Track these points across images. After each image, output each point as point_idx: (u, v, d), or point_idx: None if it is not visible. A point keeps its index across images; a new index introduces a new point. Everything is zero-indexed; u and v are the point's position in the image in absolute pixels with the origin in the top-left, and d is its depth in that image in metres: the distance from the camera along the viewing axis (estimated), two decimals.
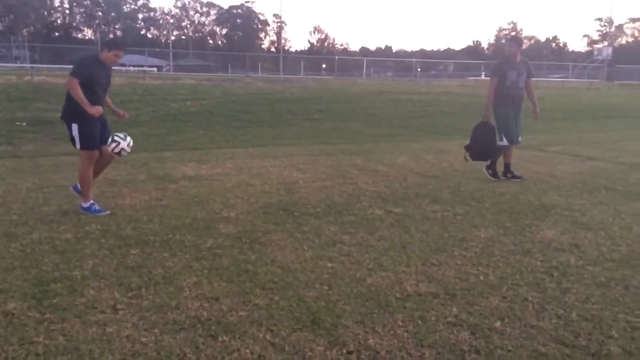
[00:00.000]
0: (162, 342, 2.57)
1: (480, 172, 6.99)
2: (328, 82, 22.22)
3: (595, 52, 47.51)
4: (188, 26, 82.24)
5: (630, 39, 79.55)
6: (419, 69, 40.60)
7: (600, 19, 79.55)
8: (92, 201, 4.86)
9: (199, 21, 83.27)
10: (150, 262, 3.59)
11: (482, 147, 6.57)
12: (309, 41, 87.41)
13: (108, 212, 4.80)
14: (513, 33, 75.31)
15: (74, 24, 74.76)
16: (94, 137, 4.76)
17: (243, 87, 17.36)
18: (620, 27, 79.54)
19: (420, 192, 5.79)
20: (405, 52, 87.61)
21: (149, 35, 77.79)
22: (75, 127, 4.68)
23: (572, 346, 2.58)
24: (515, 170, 6.65)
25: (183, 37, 78.62)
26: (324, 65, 46.17)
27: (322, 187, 6.00)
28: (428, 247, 4.02)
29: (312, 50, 78.87)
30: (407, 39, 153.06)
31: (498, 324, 2.80)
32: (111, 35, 69.40)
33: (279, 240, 4.12)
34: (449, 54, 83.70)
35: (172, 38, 70.75)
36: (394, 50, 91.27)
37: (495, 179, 6.53)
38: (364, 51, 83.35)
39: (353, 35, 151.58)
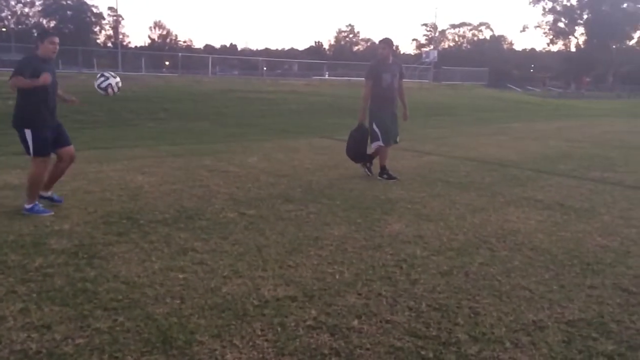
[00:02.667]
0: None
1: (329, 170, 7.16)
2: (172, 79, 21.33)
3: (423, 55, 51.91)
4: (9, 17, 73.36)
5: (452, 43, 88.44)
6: (265, 68, 40.91)
7: (426, 25, 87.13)
8: (36, 202, 4.69)
9: (21, 12, 74.72)
10: None
11: (359, 149, 6.75)
12: (149, 37, 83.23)
13: (52, 212, 4.65)
14: (374, 38, 78.82)
15: None
16: (47, 142, 4.67)
17: (76, 85, 15.85)
18: (443, 33, 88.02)
19: (273, 192, 5.73)
20: (251, 50, 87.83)
21: None
22: (28, 133, 4.56)
23: (424, 337, 2.67)
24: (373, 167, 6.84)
25: (4, 30, 69.89)
26: (167, 63, 44.35)
27: (170, 191, 5.66)
28: (284, 248, 3.95)
29: (154, 46, 75.27)
30: (251, 38, 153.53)
31: (356, 322, 2.82)
32: None
33: (122, 252, 3.75)
34: (292, 53, 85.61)
35: None
36: (239, 49, 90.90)
37: (393, 180, 6.53)
38: (209, 49, 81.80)
39: (196, 32, 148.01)
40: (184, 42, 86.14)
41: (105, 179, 6.14)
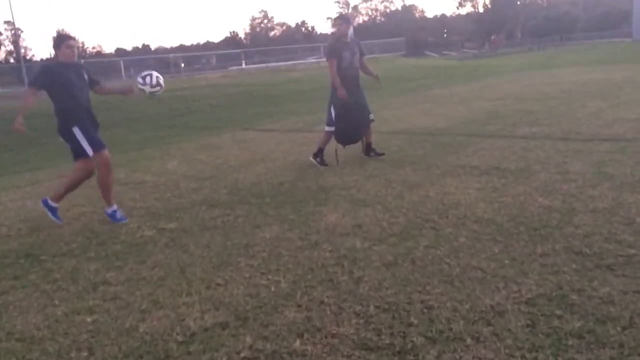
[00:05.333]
0: None
1: (256, 164, 6.72)
2: None
3: None
4: None
5: (365, 18, 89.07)
6: (182, 65, 39.45)
7: (338, 2, 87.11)
8: (115, 207, 4.71)
9: None
10: None
11: (351, 128, 6.32)
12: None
13: (127, 220, 4.65)
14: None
15: None
16: (96, 135, 4.64)
17: None
18: (356, 8, 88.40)
19: (196, 199, 5.23)
20: (165, 48, 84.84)
21: None
22: (77, 131, 4.51)
23: (376, 348, 2.34)
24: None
25: None
26: None
27: (79, 215, 5.05)
28: (211, 264, 3.51)
29: None
30: (164, 36, 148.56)
31: (298, 343, 2.44)
32: None
33: (19, 300, 3.19)
34: (209, 46, 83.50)
35: None
36: (152, 49, 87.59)
37: (324, 166, 6.19)
38: (121, 52, 78.24)
39: (105, 37, 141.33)
40: (93, 48, 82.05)
41: (2, 211, 5.42)
